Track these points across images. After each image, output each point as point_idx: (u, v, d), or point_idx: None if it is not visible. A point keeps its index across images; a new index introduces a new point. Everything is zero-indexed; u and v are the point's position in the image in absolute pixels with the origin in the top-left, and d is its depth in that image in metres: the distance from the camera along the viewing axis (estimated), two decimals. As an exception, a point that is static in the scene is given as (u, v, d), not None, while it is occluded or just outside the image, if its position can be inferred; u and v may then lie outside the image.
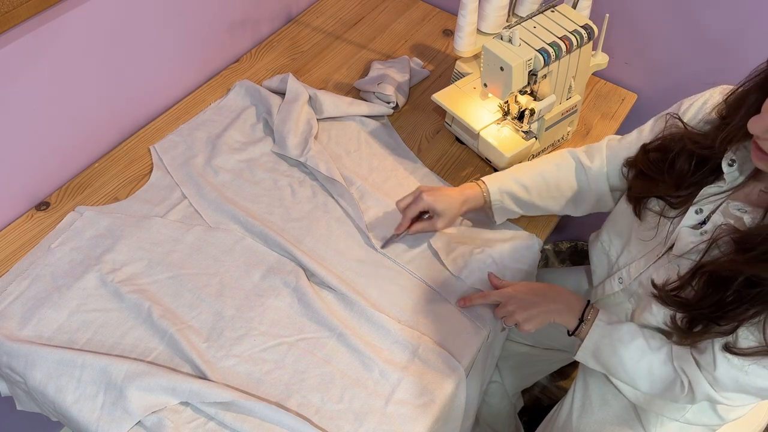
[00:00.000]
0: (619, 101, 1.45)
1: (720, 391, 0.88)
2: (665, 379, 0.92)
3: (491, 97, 1.23)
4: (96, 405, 0.92)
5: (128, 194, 1.19)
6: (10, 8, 0.95)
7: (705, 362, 0.87)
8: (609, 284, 1.06)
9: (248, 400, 0.92)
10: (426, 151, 1.32)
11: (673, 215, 0.92)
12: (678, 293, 0.85)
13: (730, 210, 0.84)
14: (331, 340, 1.02)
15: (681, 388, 0.91)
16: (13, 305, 1.02)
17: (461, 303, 1.07)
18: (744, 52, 1.29)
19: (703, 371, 0.88)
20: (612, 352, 0.95)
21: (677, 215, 0.91)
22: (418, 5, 1.64)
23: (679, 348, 0.91)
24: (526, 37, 1.09)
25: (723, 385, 0.86)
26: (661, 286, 0.88)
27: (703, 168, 0.88)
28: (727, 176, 0.85)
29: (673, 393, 0.92)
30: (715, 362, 0.85)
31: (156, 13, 1.22)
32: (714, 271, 0.80)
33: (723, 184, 0.86)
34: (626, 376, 0.95)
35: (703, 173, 0.88)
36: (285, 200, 1.20)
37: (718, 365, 0.85)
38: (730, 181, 0.85)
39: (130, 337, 1.00)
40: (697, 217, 0.88)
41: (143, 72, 1.26)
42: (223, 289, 1.07)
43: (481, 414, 1.47)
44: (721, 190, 0.87)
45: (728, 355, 0.83)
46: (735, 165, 0.84)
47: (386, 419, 0.95)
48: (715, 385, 0.87)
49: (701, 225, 0.88)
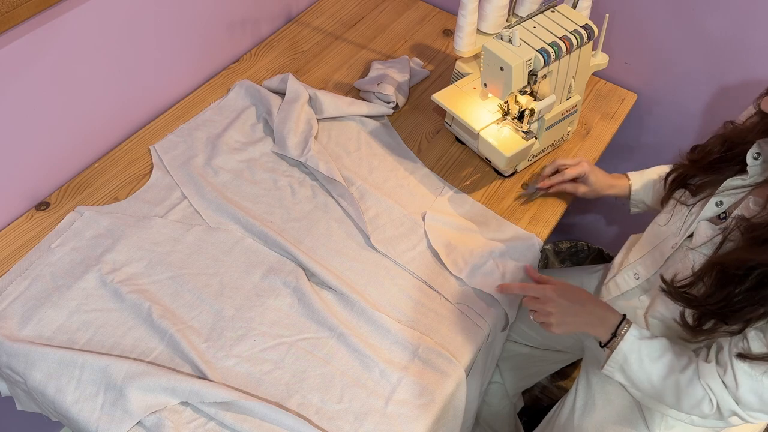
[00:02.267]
0: (619, 101, 1.45)
1: (746, 410, 0.88)
2: (693, 397, 0.91)
3: (491, 97, 1.23)
4: (96, 405, 0.92)
5: (128, 194, 1.19)
6: (10, 8, 0.95)
7: (729, 382, 0.86)
8: (623, 280, 1.06)
9: (248, 400, 0.92)
10: (426, 151, 1.32)
11: (692, 203, 0.92)
12: (688, 290, 0.85)
13: (750, 206, 0.84)
14: (331, 340, 1.02)
15: (709, 406, 0.90)
16: (13, 305, 1.02)
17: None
18: (744, 52, 1.29)
19: (728, 390, 0.87)
20: (640, 366, 0.93)
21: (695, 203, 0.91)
22: (418, 5, 1.64)
23: (705, 366, 0.90)
24: (526, 37, 1.09)
25: (747, 403, 0.86)
26: (669, 282, 0.88)
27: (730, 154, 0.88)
28: (750, 169, 0.85)
29: (701, 411, 0.91)
30: (737, 380, 0.85)
31: (156, 13, 1.22)
32: (724, 266, 0.80)
33: (746, 177, 0.86)
34: (653, 391, 0.94)
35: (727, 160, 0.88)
36: (285, 200, 1.20)
37: (740, 383, 0.84)
38: (752, 175, 0.86)
39: (130, 337, 1.00)
40: (716, 209, 0.88)
41: (143, 72, 1.26)
42: (223, 289, 1.07)
43: (481, 414, 1.47)
44: (743, 184, 0.87)
45: (745, 365, 0.83)
46: (759, 159, 0.85)
47: (386, 419, 0.95)
48: (741, 404, 0.87)
49: (720, 219, 0.88)
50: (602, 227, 1.81)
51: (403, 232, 1.16)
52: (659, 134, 1.54)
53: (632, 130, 1.56)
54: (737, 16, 1.26)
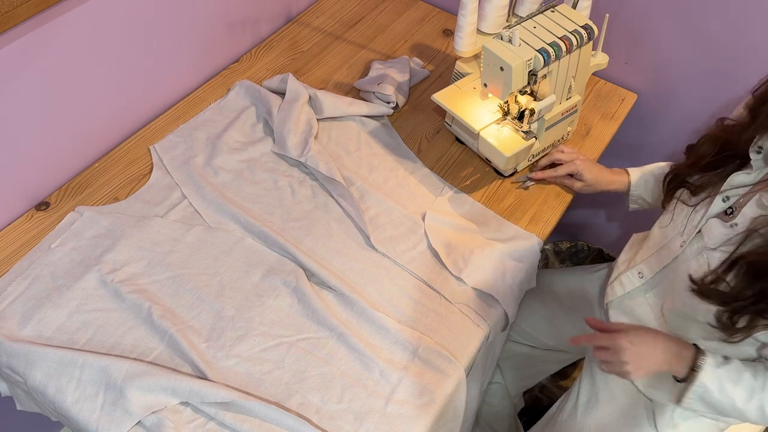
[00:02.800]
0: (619, 101, 1.45)
1: None
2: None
3: (491, 97, 1.23)
4: (96, 405, 0.92)
5: (128, 194, 1.19)
6: (10, 8, 0.95)
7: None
8: (628, 280, 1.05)
9: (248, 400, 0.92)
10: (426, 151, 1.32)
11: (694, 202, 0.92)
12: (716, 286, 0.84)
13: (764, 202, 0.84)
14: (331, 340, 1.02)
15: None
16: (14, 305, 1.02)
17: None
18: (744, 51, 1.29)
19: None
20: (722, 394, 0.90)
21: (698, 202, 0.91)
22: (418, 5, 1.64)
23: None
24: (526, 37, 1.09)
25: None
26: (699, 280, 0.87)
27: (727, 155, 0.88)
28: (754, 163, 0.85)
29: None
30: None
31: (156, 13, 1.22)
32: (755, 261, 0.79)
33: (750, 171, 0.86)
34: (737, 414, 0.92)
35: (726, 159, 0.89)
36: (285, 200, 1.20)
37: None
38: (757, 168, 0.86)
39: (130, 337, 1.00)
40: (723, 205, 0.88)
41: (143, 71, 1.26)
42: (223, 289, 1.07)
43: (482, 414, 1.47)
44: (749, 179, 0.87)
45: None
46: (762, 152, 0.85)
47: (386, 419, 0.95)
48: None
49: (728, 215, 0.88)
50: (602, 227, 1.81)
51: (403, 232, 1.17)
52: (659, 134, 1.54)
53: (632, 130, 1.56)
54: (737, 16, 1.26)
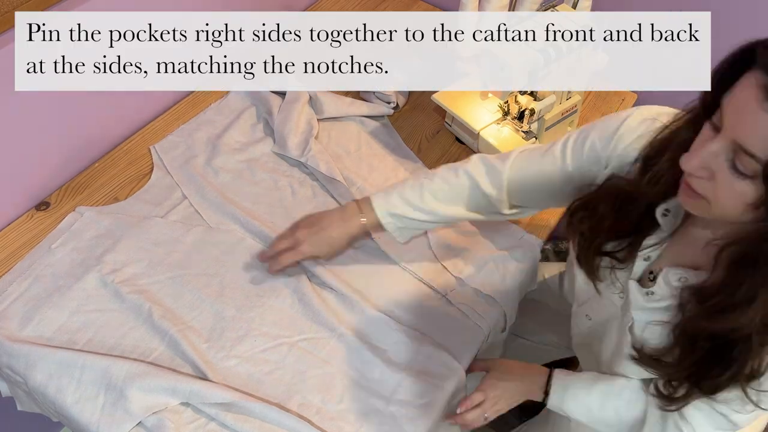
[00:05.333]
0: (619, 101, 1.45)
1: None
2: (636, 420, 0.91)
3: (491, 97, 1.23)
4: (96, 405, 0.92)
5: (128, 194, 1.19)
6: (10, 8, 0.95)
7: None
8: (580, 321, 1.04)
9: (249, 400, 0.92)
10: (426, 151, 1.32)
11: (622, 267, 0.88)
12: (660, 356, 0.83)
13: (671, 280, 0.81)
14: (332, 340, 1.02)
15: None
16: (14, 305, 1.02)
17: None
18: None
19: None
20: (576, 402, 0.96)
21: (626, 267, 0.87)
22: (418, 5, 1.64)
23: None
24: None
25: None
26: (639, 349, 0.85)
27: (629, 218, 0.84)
28: (664, 226, 0.82)
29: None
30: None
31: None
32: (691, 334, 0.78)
33: (661, 232, 0.83)
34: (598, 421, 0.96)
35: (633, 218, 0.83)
36: (285, 200, 1.20)
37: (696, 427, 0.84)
38: (668, 229, 0.82)
39: (130, 338, 1.00)
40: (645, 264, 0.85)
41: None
42: (223, 289, 1.07)
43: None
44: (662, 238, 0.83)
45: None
46: (669, 215, 0.81)
47: (387, 420, 0.95)
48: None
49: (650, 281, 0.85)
50: (602, 227, 1.81)
51: (404, 233, 1.16)
52: (659, 134, 1.53)
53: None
54: (737, 16, 1.26)
